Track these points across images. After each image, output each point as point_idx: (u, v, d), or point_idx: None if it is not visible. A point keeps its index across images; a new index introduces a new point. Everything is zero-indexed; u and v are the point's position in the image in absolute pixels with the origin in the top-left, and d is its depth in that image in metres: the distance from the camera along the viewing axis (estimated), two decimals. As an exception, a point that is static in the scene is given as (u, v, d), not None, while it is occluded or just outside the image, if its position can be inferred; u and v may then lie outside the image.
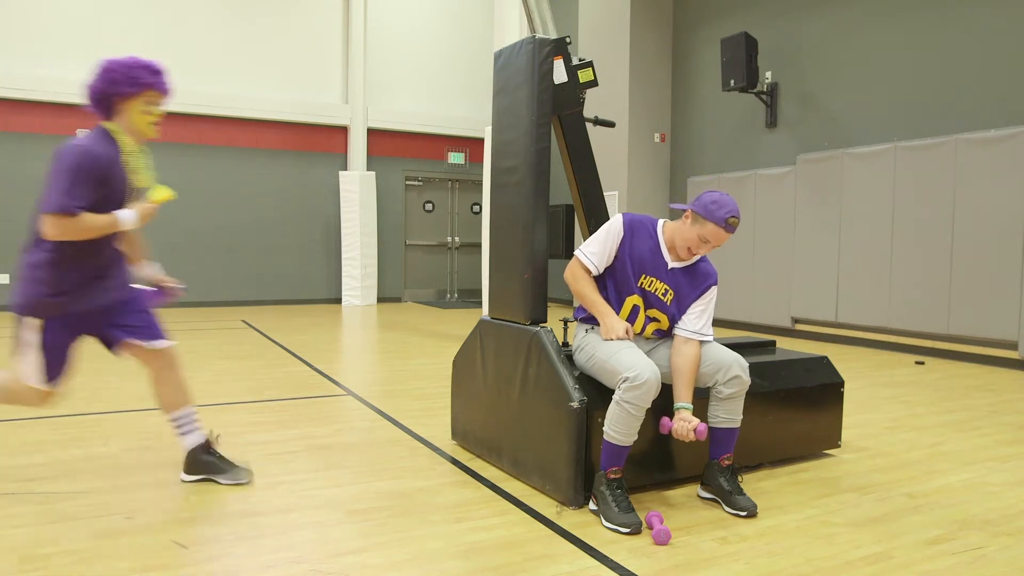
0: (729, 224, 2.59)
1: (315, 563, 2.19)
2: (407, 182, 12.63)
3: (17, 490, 2.82)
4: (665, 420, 2.60)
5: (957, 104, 6.60)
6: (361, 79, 11.82)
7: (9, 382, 2.68)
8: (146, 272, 2.94)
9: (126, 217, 2.57)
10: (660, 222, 2.79)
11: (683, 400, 2.61)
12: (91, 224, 2.50)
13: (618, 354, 2.57)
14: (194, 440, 2.89)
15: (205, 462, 2.87)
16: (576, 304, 2.90)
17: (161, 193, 2.63)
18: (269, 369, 5.67)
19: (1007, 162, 6.08)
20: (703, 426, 2.53)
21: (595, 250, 2.73)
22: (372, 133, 12.15)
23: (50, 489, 2.84)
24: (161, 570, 2.14)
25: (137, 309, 2.80)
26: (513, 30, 10.38)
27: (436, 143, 12.73)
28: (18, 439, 3.56)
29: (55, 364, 2.65)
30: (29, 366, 2.62)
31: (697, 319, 2.72)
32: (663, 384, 2.80)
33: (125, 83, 2.58)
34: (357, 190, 11.57)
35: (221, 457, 2.91)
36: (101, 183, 2.52)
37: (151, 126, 2.67)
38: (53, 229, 2.46)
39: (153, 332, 2.80)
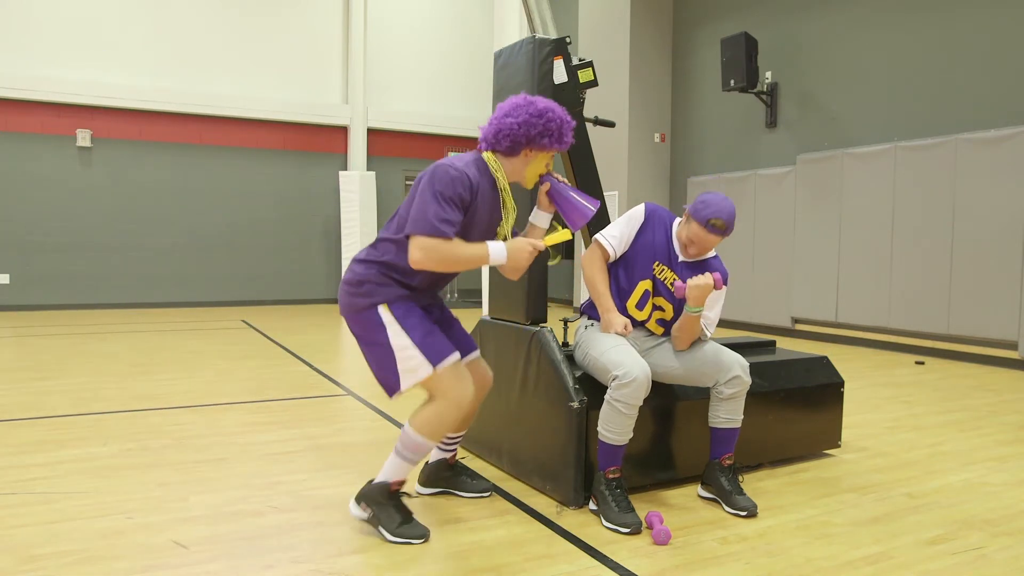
0: (711, 225, 2.57)
1: (315, 563, 2.19)
2: (407, 182, 12.63)
3: (17, 490, 2.82)
4: (679, 284, 2.57)
5: (957, 104, 6.60)
6: (361, 79, 11.82)
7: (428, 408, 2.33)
8: None
9: (498, 252, 2.25)
10: (676, 219, 2.83)
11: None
12: (461, 253, 2.21)
13: (609, 352, 2.57)
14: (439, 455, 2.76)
15: (444, 477, 2.76)
16: (578, 303, 2.90)
17: (559, 235, 2.34)
18: (269, 369, 5.67)
19: (1007, 162, 6.08)
20: (718, 274, 2.55)
21: (615, 233, 2.76)
22: (372, 133, 12.15)
23: (50, 489, 2.84)
24: (161, 570, 2.14)
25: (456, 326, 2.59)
26: (513, 30, 10.38)
27: (436, 143, 12.73)
28: (18, 439, 3.56)
29: (436, 337, 2.30)
30: (409, 359, 2.26)
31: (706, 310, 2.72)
32: (663, 383, 2.81)
33: (556, 138, 2.33)
34: (357, 190, 11.57)
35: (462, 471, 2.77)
36: (467, 209, 2.26)
37: (533, 179, 2.44)
38: (422, 253, 2.16)
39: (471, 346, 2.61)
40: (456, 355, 2.32)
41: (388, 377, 2.33)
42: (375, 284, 2.30)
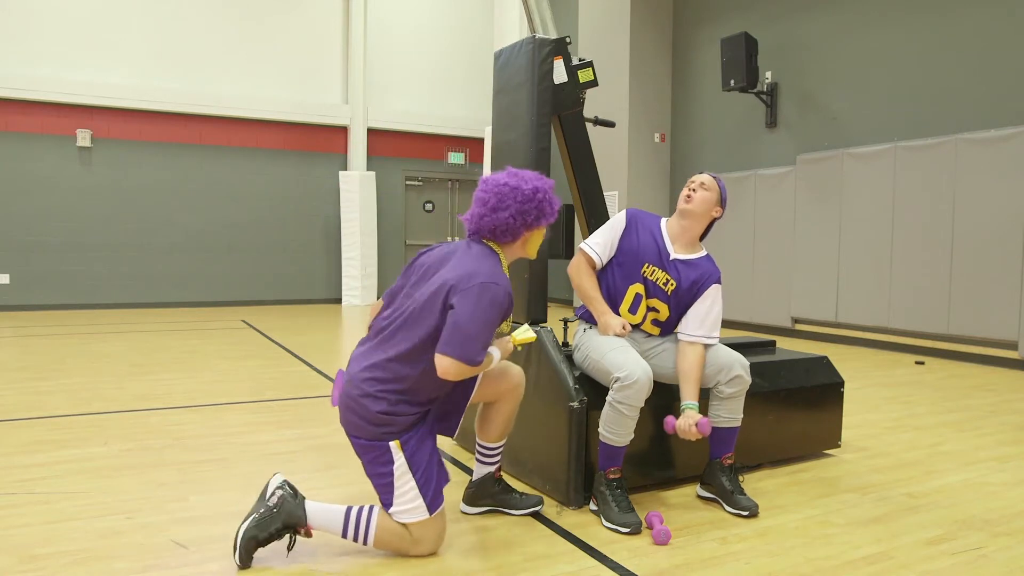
0: (695, 179, 2.78)
1: (314, 563, 2.19)
2: (407, 182, 12.63)
3: (17, 490, 2.82)
4: (669, 419, 2.59)
5: (957, 104, 6.60)
6: (361, 79, 11.82)
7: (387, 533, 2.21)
8: None
9: (496, 356, 2.27)
10: (663, 220, 2.85)
11: (689, 399, 2.60)
12: (483, 368, 2.20)
13: (610, 354, 2.57)
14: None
15: (493, 493, 2.61)
16: (577, 304, 2.91)
17: (525, 334, 2.37)
18: (269, 369, 5.67)
19: (1007, 162, 6.08)
20: (705, 420, 2.51)
21: (599, 241, 2.78)
22: (372, 133, 12.15)
23: (50, 489, 2.84)
24: (161, 570, 2.14)
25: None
26: (513, 30, 10.40)
27: (436, 143, 12.72)
28: (18, 439, 3.56)
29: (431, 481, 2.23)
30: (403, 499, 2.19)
31: (700, 324, 2.70)
32: (663, 383, 2.80)
33: (550, 213, 2.32)
34: (357, 190, 11.57)
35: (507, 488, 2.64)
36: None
37: (535, 252, 2.43)
38: (455, 371, 2.11)
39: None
40: (443, 505, 2.26)
41: (384, 497, 2.22)
42: (392, 415, 2.18)
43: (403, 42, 12.33)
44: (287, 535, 2.18)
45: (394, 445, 2.18)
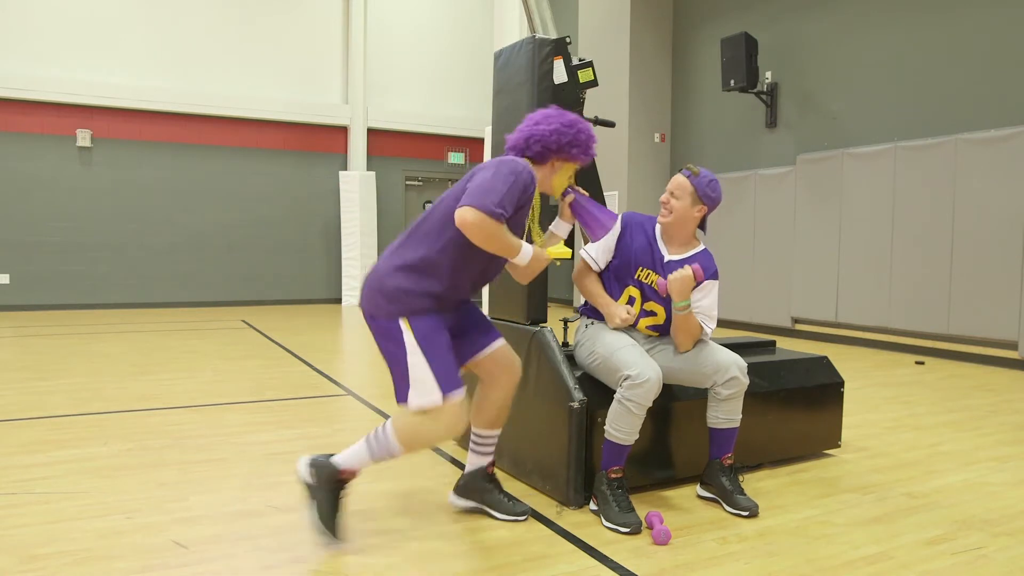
0: (686, 168, 2.74)
1: (315, 563, 2.19)
2: (407, 182, 12.63)
3: (17, 490, 2.82)
4: (660, 281, 2.63)
5: (957, 104, 6.60)
6: (361, 79, 11.82)
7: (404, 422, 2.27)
8: None
9: (526, 252, 2.30)
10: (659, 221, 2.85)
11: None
12: (503, 238, 2.22)
13: (619, 352, 2.57)
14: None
15: (481, 489, 2.61)
16: (578, 303, 2.91)
17: (560, 250, 2.41)
18: (269, 369, 5.67)
19: (1007, 162, 6.08)
20: (697, 265, 2.58)
21: (595, 247, 2.83)
22: (372, 133, 12.15)
23: (50, 489, 2.84)
24: (161, 570, 2.14)
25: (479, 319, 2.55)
26: (513, 30, 10.39)
27: (436, 143, 12.73)
28: (18, 439, 3.56)
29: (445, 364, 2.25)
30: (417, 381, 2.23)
31: (695, 304, 2.70)
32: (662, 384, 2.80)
33: (583, 149, 2.42)
34: (357, 190, 11.57)
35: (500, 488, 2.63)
36: (518, 207, 2.30)
37: (560, 189, 2.52)
38: (473, 219, 2.14)
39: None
40: (462, 391, 2.27)
41: (400, 385, 2.27)
42: (404, 291, 2.24)
43: (403, 42, 12.33)
44: (340, 492, 2.30)
45: (403, 322, 2.24)
